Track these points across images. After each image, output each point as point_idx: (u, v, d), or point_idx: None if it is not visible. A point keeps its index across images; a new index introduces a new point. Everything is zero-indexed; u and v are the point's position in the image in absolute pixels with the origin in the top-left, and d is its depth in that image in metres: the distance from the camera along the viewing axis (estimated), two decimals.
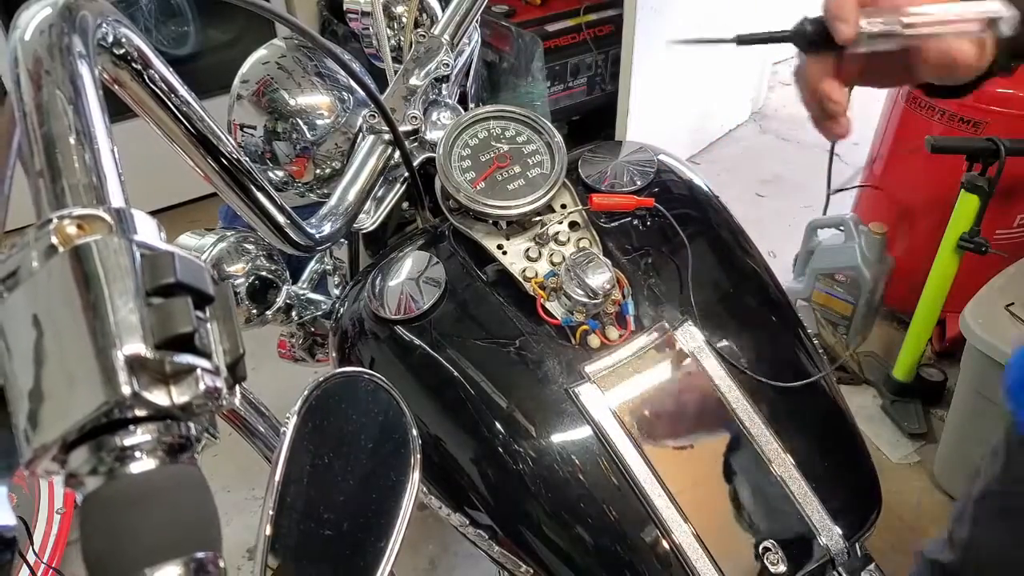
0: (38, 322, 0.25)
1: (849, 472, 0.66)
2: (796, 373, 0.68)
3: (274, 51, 0.84)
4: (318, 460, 0.51)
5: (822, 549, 0.59)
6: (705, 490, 0.60)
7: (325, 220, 0.70)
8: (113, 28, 0.41)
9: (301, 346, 0.99)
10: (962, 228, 1.46)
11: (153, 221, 0.29)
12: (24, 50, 0.34)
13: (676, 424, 0.62)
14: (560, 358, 0.64)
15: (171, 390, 0.25)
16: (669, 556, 0.58)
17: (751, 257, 0.74)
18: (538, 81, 2.31)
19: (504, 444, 0.62)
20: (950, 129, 1.63)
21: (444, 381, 0.65)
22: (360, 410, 0.53)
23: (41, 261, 0.26)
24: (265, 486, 0.47)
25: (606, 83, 2.48)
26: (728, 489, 0.61)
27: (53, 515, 1.51)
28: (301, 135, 0.82)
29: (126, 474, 0.25)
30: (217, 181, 0.55)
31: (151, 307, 0.26)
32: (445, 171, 0.69)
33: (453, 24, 0.83)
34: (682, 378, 0.64)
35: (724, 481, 0.61)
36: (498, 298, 0.67)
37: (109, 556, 0.24)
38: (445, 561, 1.53)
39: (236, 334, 0.28)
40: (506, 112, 0.72)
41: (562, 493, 0.60)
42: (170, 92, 0.48)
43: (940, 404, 1.77)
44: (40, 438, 0.24)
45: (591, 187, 0.74)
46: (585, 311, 0.65)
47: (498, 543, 0.63)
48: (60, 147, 0.30)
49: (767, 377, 0.64)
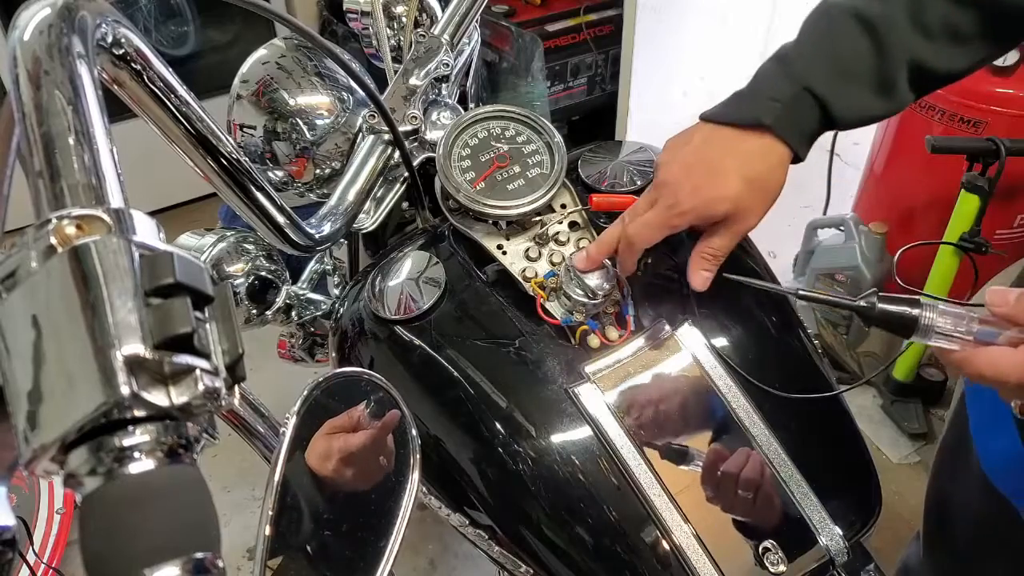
0: (37, 322, 0.25)
1: (849, 472, 0.66)
2: (796, 374, 0.68)
3: (274, 51, 0.84)
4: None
5: (822, 549, 0.59)
6: (705, 490, 0.60)
7: (325, 220, 0.70)
8: (112, 28, 0.41)
9: (301, 346, 0.99)
10: (962, 228, 1.46)
11: (152, 221, 0.29)
12: (23, 50, 0.34)
13: (676, 424, 0.62)
14: (560, 358, 0.64)
15: (170, 390, 0.25)
16: (669, 556, 0.58)
17: (751, 257, 0.74)
18: (538, 81, 2.31)
19: (504, 444, 0.61)
20: (950, 129, 1.63)
21: (444, 381, 0.65)
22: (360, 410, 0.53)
23: (40, 261, 0.26)
24: (265, 486, 0.47)
25: (606, 83, 2.47)
26: (728, 489, 0.61)
27: (53, 515, 1.51)
28: (301, 135, 0.82)
29: (125, 475, 0.25)
30: (217, 181, 0.55)
31: (150, 307, 0.26)
32: (445, 171, 0.69)
33: (453, 24, 0.83)
34: (682, 378, 0.64)
35: (724, 481, 0.61)
36: (498, 298, 0.67)
37: (108, 556, 0.24)
38: (445, 561, 1.53)
39: (235, 334, 0.28)
40: (506, 112, 0.72)
41: (562, 493, 0.60)
42: (169, 92, 0.48)
43: (940, 404, 1.77)
44: (39, 438, 0.24)
45: (591, 187, 0.74)
46: (585, 311, 0.65)
47: (498, 543, 0.63)
48: (59, 147, 0.30)
49: (767, 377, 0.64)
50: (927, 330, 0.49)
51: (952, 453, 0.81)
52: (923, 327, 0.49)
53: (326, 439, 0.52)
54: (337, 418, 0.53)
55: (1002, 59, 1.52)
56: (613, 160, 0.77)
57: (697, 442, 0.62)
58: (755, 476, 0.60)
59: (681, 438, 0.61)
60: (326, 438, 0.52)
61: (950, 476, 0.82)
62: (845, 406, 0.69)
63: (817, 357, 0.70)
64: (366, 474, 0.52)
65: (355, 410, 0.53)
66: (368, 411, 0.53)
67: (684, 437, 0.62)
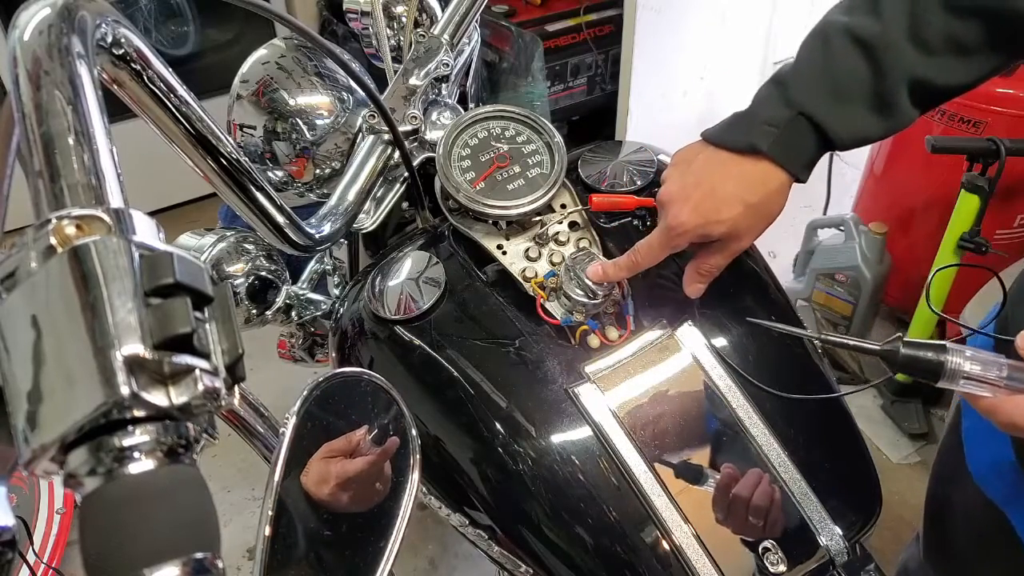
0: (37, 323, 0.25)
1: (849, 472, 0.66)
2: (796, 374, 0.68)
3: (274, 51, 0.84)
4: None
5: (822, 549, 0.59)
6: (705, 490, 0.60)
7: (325, 220, 0.70)
8: (112, 28, 0.41)
9: (301, 346, 0.99)
10: (962, 228, 1.46)
11: (152, 221, 0.29)
12: (23, 50, 0.34)
13: (676, 424, 0.62)
14: (560, 358, 0.64)
15: (170, 391, 0.25)
16: (669, 556, 0.58)
17: (751, 257, 0.74)
18: (538, 81, 2.31)
19: (504, 444, 0.61)
20: (950, 129, 1.63)
21: (444, 381, 0.65)
22: (360, 410, 0.53)
23: (40, 261, 0.26)
24: (265, 486, 0.47)
25: (606, 83, 2.47)
26: (728, 489, 0.61)
27: (53, 515, 1.51)
28: (301, 135, 0.82)
29: (125, 475, 0.25)
30: (217, 181, 0.55)
31: (150, 307, 0.26)
32: (445, 171, 0.69)
33: (453, 24, 0.82)
34: (682, 378, 0.64)
35: (724, 481, 0.61)
36: (498, 298, 0.67)
37: (108, 556, 0.24)
38: (445, 561, 1.53)
39: (235, 334, 0.28)
40: (506, 112, 0.72)
41: (562, 493, 0.60)
42: (169, 92, 0.48)
43: (940, 404, 1.76)
44: (39, 439, 0.24)
45: (591, 187, 0.74)
46: (585, 311, 0.65)
47: (498, 543, 0.63)
48: (59, 147, 0.30)
49: (767, 378, 0.64)
50: (954, 375, 0.48)
51: (950, 456, 0.81)
52: (950, 371, 0.48)
53: (328, 443, 0.52)
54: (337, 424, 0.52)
55: None
56: (613, 160, 0.77)
57: (697, 442, 0.62)
58: (755, 476, 0.60)
59: (681, 438, 0.61)
60: (328, 442, 0.52)
61: (948, 480, 0.83)
62: (845, 406, 0.69)
63: (817, 357, 0.70)
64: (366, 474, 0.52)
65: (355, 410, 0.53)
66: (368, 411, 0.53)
67: (684, 437, 0.62)
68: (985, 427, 0.63)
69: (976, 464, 0.72)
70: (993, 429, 0.49)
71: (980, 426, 0.69)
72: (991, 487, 0.70)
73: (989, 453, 0.69)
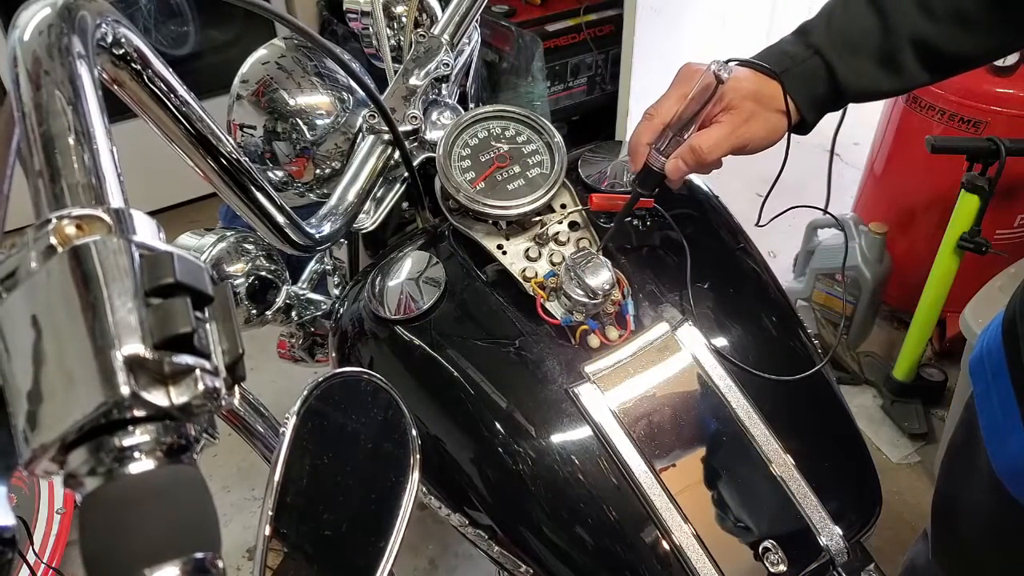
0: (37, 323, 0.25)
1: (849, 472, 0.66)
2: (796, 373, 0.68)
3: (274, 51, 0.84)
4: (318, 460, 0.51)
5: (822, 549, 0.59)
6: (705, 490, 0.60)
7: (325, 220, 0.69)
8: (112, 28, 0.41)
9: (301, 346, 0.99)
10: (962, 228, 1.46)
11: (152, 221, 0.29)
12: (23, 50, 0.34)
13: (676, 424, 0.62)
14: (560, 358, 0.64)
15: (170, 390, 0.25)
16: (669, 556, 0.58)
17: (751, 257, 0.74)
18: (538, 81, 2.31)
19: (504, 444, 0.61)
20: (950, 129, 1.63)
21: (444, 381, 0.65)
22: (360, 410, 0.53)
23: (40, 261, 0.26)
24: (264, 486, 0.47)
25: (606, 83, 2.47)
26: (728, 489, 0.61)
27: (53, 515, 1.51)
28: (301, 135, 0.82)
29: (125, 474, 0.25)
30: (217, 181, 0.55)
31: (150, 307, 0.26)
32: (445, 171, 0.69)
33: (453, 24, 0.83)
34: (682, 378, 0.64)
35: (724, 481, 0.61)
36: (498, 298, 0.67)
37: (108, 556, 0.24)
38: (445, 561, 1.53)
39: (235, 334, 0.28)
40: (506, 112, 0.72)
41: (562, 493, 0.60)
42: (170, 92, 0.48)
43: (940, 404, 1.76)
44: (39, 439, 0.24)
45: (591, 187, 0.74)
46: (585, 311, 0.65)
47: (498, 543, 0.63)
48: (59, 147, 0.30)
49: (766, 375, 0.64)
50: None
51: (961, 454, 0.81)
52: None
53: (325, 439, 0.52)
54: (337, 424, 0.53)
55: (1002, 59, 1.52)
56: (613, 160, 0.77)
57: (697, 442, 0.62)
58: (755, 476, 0.60)
59: (681, 438, 0.62)
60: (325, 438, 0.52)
61: (959, 478, 0.82)
62: (845, 406, 0.69)
63: (817, 357, 0.70)
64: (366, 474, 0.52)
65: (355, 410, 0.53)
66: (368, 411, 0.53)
67: (684, 437, 0.62)
68: (1004, 424, 0.64)
69: (999, 461, 0.72)
70: (1011, 425, 0.50)
71: (999, 423, 0.69)
72: (1014, 483, 0.70)
73: (1012, 449, 0.68)
